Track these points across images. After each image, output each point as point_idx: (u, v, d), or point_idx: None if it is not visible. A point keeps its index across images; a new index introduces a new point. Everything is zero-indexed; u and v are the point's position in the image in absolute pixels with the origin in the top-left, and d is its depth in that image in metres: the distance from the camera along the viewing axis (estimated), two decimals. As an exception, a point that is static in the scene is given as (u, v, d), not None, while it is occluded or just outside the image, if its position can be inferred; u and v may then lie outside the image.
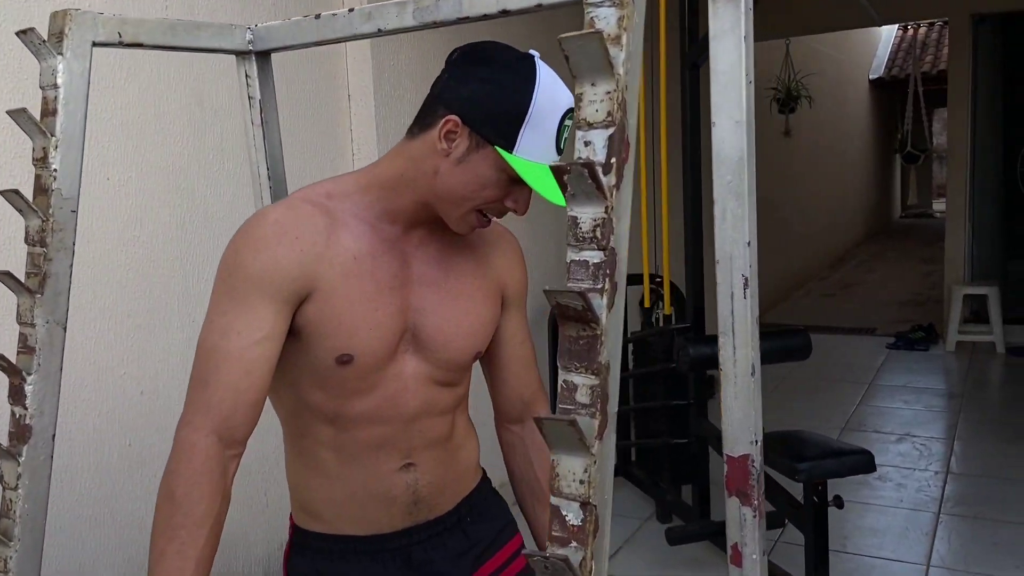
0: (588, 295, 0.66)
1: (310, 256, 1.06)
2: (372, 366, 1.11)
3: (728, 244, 0.97)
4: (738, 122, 0.94)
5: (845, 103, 11.05)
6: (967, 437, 4.07)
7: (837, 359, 5.76)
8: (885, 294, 8.27)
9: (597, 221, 0.67)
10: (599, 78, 0.68)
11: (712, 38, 0.93)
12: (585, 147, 0.69)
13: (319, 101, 2.62)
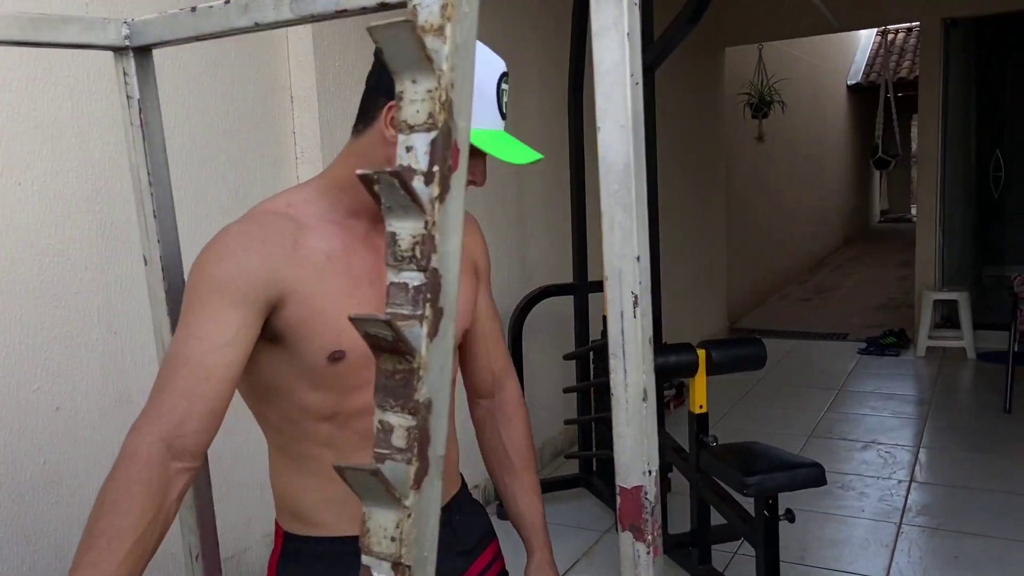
0: (397, 323, 0.58)
1: (279, 260, 1.06)
2: (365, 359, 1.07)
3: (616, 259, 0.89)
4: (623, 127, 0.86)
5: (823, 108, 11.05)
6: (933, 445, 4.03)
7: (808, 365, 5.72)
8: (860, 299, 8.24)
9: (416, 238, 0.59)
10: (419, 74, 0.60)
11: (594, 35, 0.86)
12: (406, 153, 0.61)
13: (260, 103, 2.53)
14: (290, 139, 2.64)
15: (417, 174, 0.60)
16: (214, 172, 2.36)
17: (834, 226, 11.84)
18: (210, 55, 2.34)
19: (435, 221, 0.60)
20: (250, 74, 2.49)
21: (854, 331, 6.69)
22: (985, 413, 4.46)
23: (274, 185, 2.57)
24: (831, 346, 6.28)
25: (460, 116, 0.63)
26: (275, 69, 2.58)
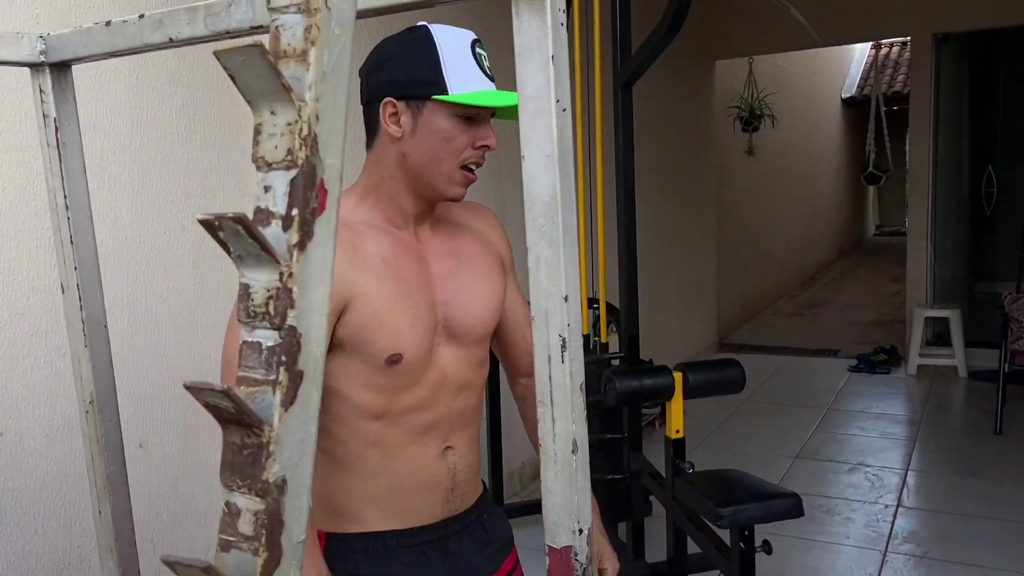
0: (246, 389, 0.50)
1: (343, 265, 1.09)
2: (420, 361, 1.16)
3: (543, 299, 0.82)
4: (548, 156, 0.78)
5: (816, 122, 11.01)
6: (921, 468, 3.95)
7: (798, 382, 5.64)
8: (852, 314, 8.18)
9: (271, 291, 0.52)
10: (277, 105, 0.53)
11: (517, 57, 0.79)
12: (264, 194, 0.54)
13: (224, 113, 2.46)
14: (256, 153, 2.57)
15: (275, 218, 0.53)
16: (173, 186, 2.29)
17: (827, 239, 11.78)
18: (169, 66, 2.27)
19: (292, 272, 0.52)
20: (213, 83, 2.41)
21: (845, 347, 6.62)
22: (975, 434, 4.39)
23: (237, 198, 2.50)
24: (821, 363, 6.20)
25: (329, 152, 0.55)
26: (241, 82, 2.51)
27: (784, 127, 9.21)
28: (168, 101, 2.28)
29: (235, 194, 2.48)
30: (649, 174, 5.31)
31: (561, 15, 0.79)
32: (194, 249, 2.36)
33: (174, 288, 2.30)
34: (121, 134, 2.16)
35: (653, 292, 5.35)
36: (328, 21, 0.54)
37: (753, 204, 8.06)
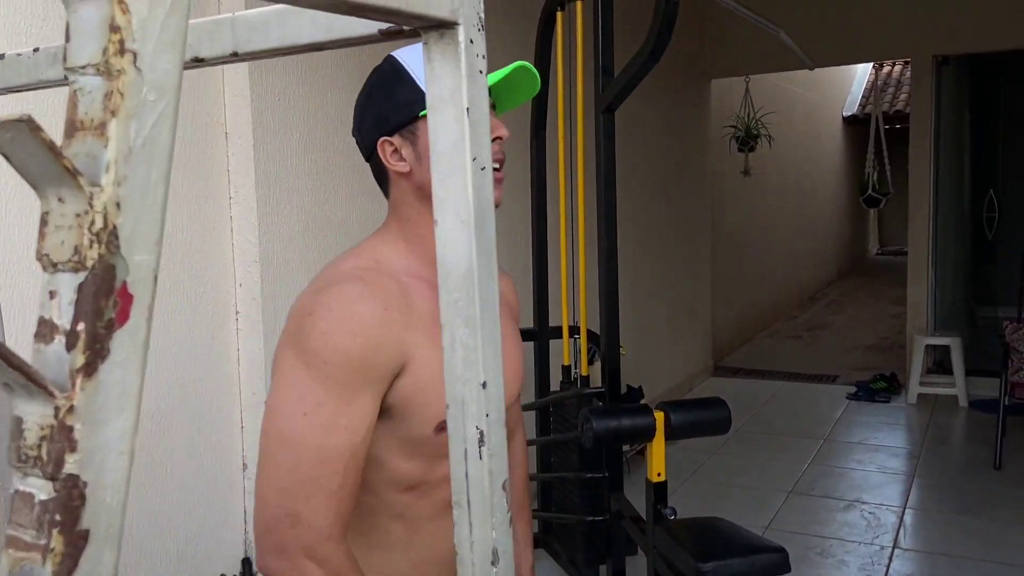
0: (14, 553, 0.39)
1: (400, 327, 1.02)
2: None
3: (459, 385, 0.70)
4: (464, 222, 0.67)
5: (817, 140, 10.92)
6: (919, 506, 3.82)
7: (794, 410, 5.52)
8: (852, 337, 8.05)
9: (44, 431, 0.41)
10: (65, 191, 0.42)
11: (429, 108, 0.68)
12: (50, 300, 0.43)
13: (190, 139, 2.36)
14: (223, 177, 2.47)
15: (59, 332, 0.42)
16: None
17: (827, 259, 11.67)
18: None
19: (73, 405, 0.41)
20: (182, 107, 2.31)
21: (844, 373, 6.50)
22: (975, 469, 4.26)
23: (203, 227, 2.40)
24: (819, 389, 6.08)
25: (137, 247, 0.44)
26: (209, 103, 2.41)
27: (783, 146, 9.11)
28: (127, 124, 2.18)
29: (198, 221, 2.38)
30: (640, 195, 5.21)
31: (480, 61, 0.68)
32: (153, 278, 2.25)
33: (130, 320, 2.19)
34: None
35: (644, 315, 5.24)
36: (136, 86, 0.43)
37: (750, 224, 7.96)
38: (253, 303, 2.48)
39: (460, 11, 0.66)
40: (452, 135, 0.68)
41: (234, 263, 2.49)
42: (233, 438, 2.52)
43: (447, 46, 0.68)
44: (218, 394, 2.47)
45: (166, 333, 2.29)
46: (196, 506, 2.40)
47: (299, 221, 2.60)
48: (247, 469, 2.55)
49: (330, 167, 2.72)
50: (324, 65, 2.65)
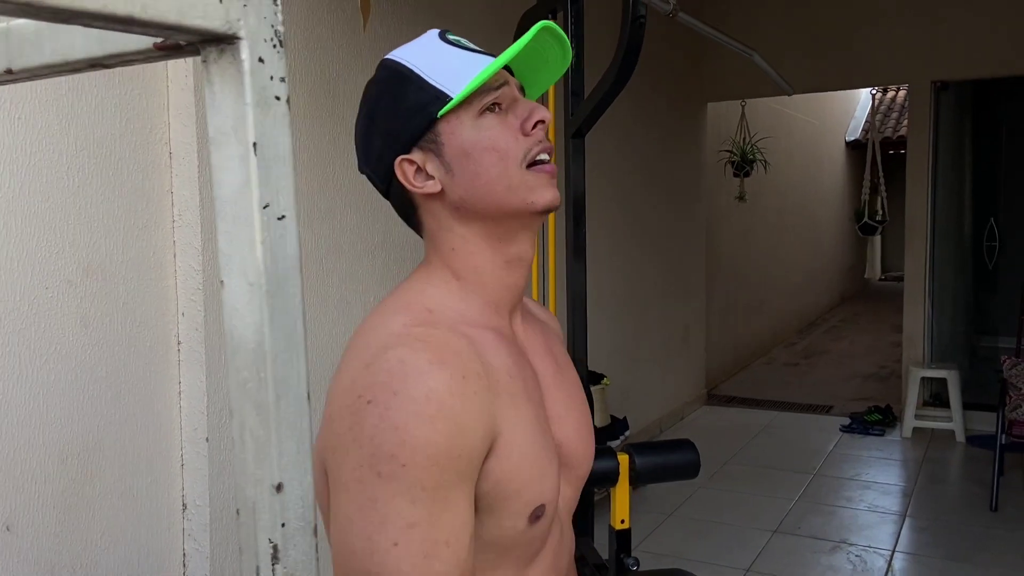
0: None
1: (484, 398, 0.79)
2: (552, 512, 0.84)
3: (250, 486, 0.57)
4: (253, 285, 0.54)
5: (819, 165, 10.80)
6: (909, 549, 3.65)
7: (785, 442, 5.35)
8: (850, 366, 7.88)
9: None
10: None
11: (210, 143, 0.55)
12: None
13: (129, 158, 2.23)
14: (166, 199, 2.34)
15: None
16: (59, 239, 2.06)
17: (828, 284, 11.51)
18: (62, 106, 2.05)
19: None
20: (116, 127, 2.19)
21: (840, 403, 6.33)
22: (970, 510, 4.08)
23: (141, 253, 2.27)
24: (813, 420, 5.91)
25: None
26: (151, 120, 2.29)
27: (782, 171, 8.99)
28: (59, 142, 2.05)
29: (137, 247, 2.25)
30: (632, 219, 5.08)
31: (276, 85, 0.54)
32: (83, 306, 2.13)
33: (56, 351, 2.06)
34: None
35: (634, 342, 5.09)
36: None
37: (747, 249, 7.82)
38: (196, 333, 2.35)
39: (242, 23, 0.53)
40: (236, 177, 0.54)
41: (177, 291, 2.36)
42: (172, 477, 2.38)
43: (227, 66, 0.55)
44: (156, 430, 2.33)
45: (95, 366, 2.15)
46: (128, 550, 2.26)
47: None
48: (187, 510, 2.41)
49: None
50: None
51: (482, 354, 0.82)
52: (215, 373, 2.37)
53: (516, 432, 0.81)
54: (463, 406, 0.76)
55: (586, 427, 0.94)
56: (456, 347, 0.80)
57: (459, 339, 0.81)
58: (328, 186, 2.75)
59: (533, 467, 0.82)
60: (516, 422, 0.82)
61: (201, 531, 2.39)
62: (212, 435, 2.38)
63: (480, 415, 0.78)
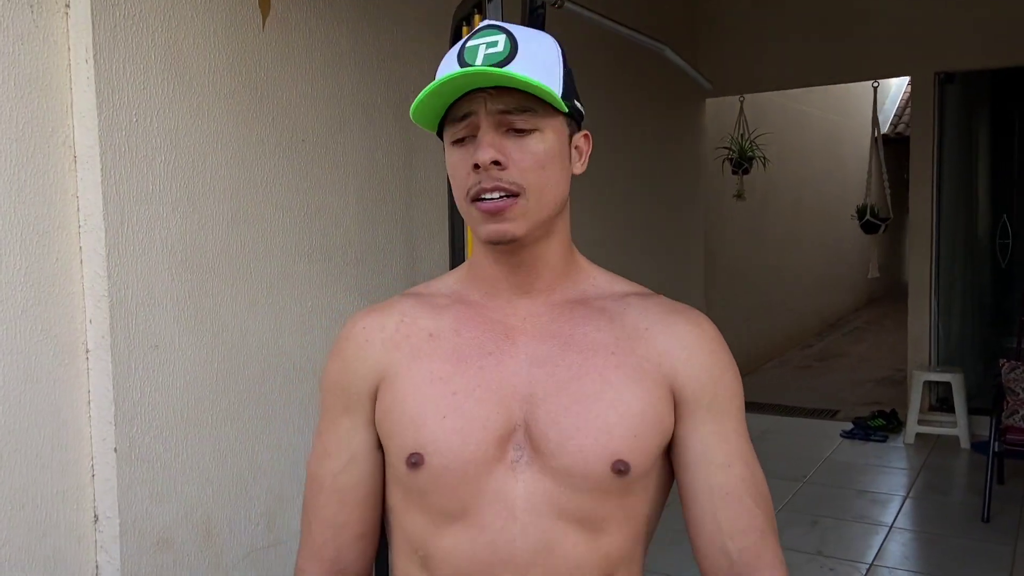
0: None
1: (376, 346, 0.94)
2: (453, 471, 0.85)
3: None
4: None
5: (840, 162, 10.53)
6: (890, 563, 3.48)
7: (781, 448, 5.17)
8: (864, 369, 7.64)
9: None
10: None
11: None
12: None
13: (32, 159, 2.19)
14: (72, 204, 2.29)
15: None
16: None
17: (852, 285, 11.22)
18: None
19: None
20: (14, 129, 2.14)
21: (846, 408, 6.13)
22: (961, 522, 3.89)
23: (44, 258, 2.22)
24: (815, 426, 5.72)
25: None
26: (54, 123, 2.24)
27: (797, 168, 8.76)
28: None
29: (38, 252, 2.20)
30: (624, 221, 4.95)
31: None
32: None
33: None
34: None
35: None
36: None
37: (755, 249, 7.62)
38: (103, 340, 2.30)
39: None
40: None
41: (84, 298, 2.31)
42: (82, 488, 2.33)
43: None
44: (63, 440, 2.28)
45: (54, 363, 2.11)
46: (31, 563, 2.21)
47: (162, 252, 2.41)
48: (98, 521, 2.36)
49: (205, 193, 2.54)
50: (193, 85, 2.48)
51: (415, 315, 0.95)
52: (122, 382, 2.32)
53: (402, 382, 0.90)
54: (351, 349, 0.95)
55: (575, 416, 0.87)
56: (387, 307, 0.96)
57: (402, 301, 0.98)
58: (254, 187, 2.69)
59: (405, 415, 0.88)
60: (408, 374, 0.90)
61: (112, 543, 2.34)
62: (120, 445, 2.32)
63: (364, 358, 0.93)
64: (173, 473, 2.46)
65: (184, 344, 2.48)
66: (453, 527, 0.87)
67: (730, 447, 0.94)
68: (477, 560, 0.86)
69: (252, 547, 2.70)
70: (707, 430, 0.93)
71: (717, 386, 0.93)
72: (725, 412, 0.94)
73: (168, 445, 2.44)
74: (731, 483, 0.93)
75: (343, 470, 0.95)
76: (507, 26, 0.87)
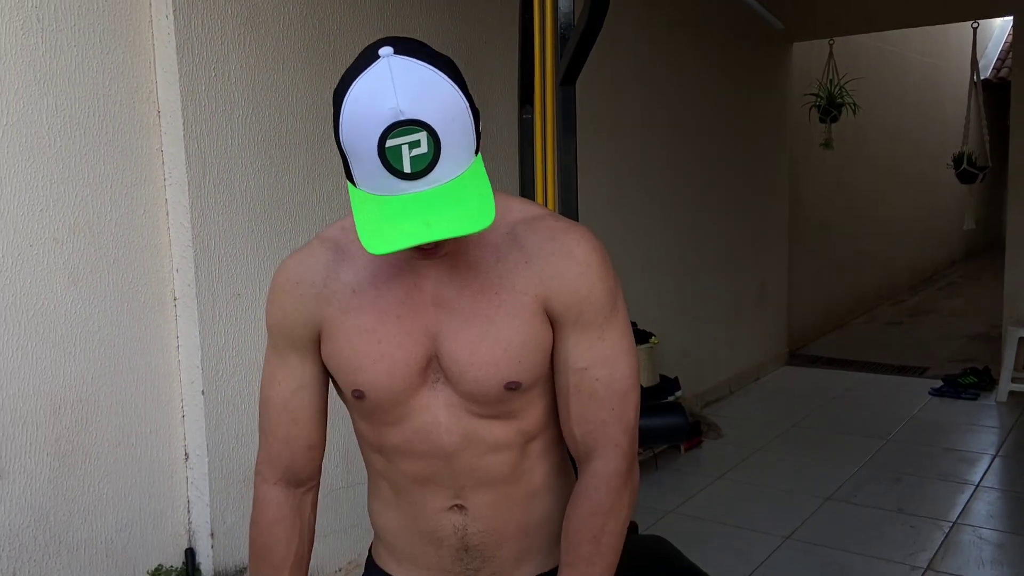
0: None
1: (310, 300, 1.10)
2: (387, 400, 1.08)
3: None
4: None
5: (939, 108, 10.00)
6: (973, 521, 3.37)
7: (866, 405, 5.05)
8: (958, 325, 7.34)
9: None
10: None
11: None
12: None
13: (116, 118, 2.28)
14: (157, 158, 2.39)
15: None
16: (42, 198, 2.13)
17: (949, 238, 10.72)
18: (38, 68, 2.11)
19: None
20: (100, 86, 2.24)
21: (936, 365, 5.91)
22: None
23: (132, 210, 2.32)
24: (902, 383, 5.54)
25: None
26: (138, 79, 2.33)
27: (892, 115, 8.39)
28: (37, 104, 2.12)
29: (127, 204, 2.31)
30: (699, 173, 4.85)
31: None
32: (71, 263, 2.20)
33: (44, 305, 2.15)
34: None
35: (698, 298, 4.89)
36: None
37: (844, 200, 7.35)
38: (189, 289, 2.40)
39: None
40: None
41: (171, 248, 2.42)
42: (173, 427, 2.46)
43: None
44: (154, 383, 2.41)
45: (86, 320, 2.24)
46: (128, 495, 2.36)
47: (243, 204, 2.50)
48: (189, 459, 2.49)
49: (283, 146, 2.60)
50: (269, 38, 2.53)
51: (337, 270, 1.09)
52: (208, 328, 2.42)
53: (337, 334, 1.09)
54: (288, 298, 1.11)
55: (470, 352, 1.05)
56: (313, 259, 1.10)
57: (325, 253, 1.10)
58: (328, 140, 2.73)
59: (346, 361, 1.08)
60: (340, 325, 1.08)
61: (202, 480, 2.47)
62: (208, 388, 2.44)
63: (302, 310, 1.10)
64: (257, 416, 2.57)
65: (265, 293, 2.57)
66: (395, 429, 1.10)
67: (591, 353, 1.08)
68: (416, 451, 1.10)
69: (331, 487, 2.81)
70: (572, 341, 1.08)
71: (583, 304, 1.07)
72: (590, 323, 1.07)
73: (251, 389, 2.55)
74: (583, 382, 1.08)
75: (292, 395, 1.14)
76: (422, 117, 0.90)
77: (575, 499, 1.10)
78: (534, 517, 1.15)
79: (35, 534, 2.17)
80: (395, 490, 1.15)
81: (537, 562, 1.16)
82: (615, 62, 4.03)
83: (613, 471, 1.08)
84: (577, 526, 1.08)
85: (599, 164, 3.91)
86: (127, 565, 2.36)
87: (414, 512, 1.14)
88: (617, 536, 1.09)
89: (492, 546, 1.13)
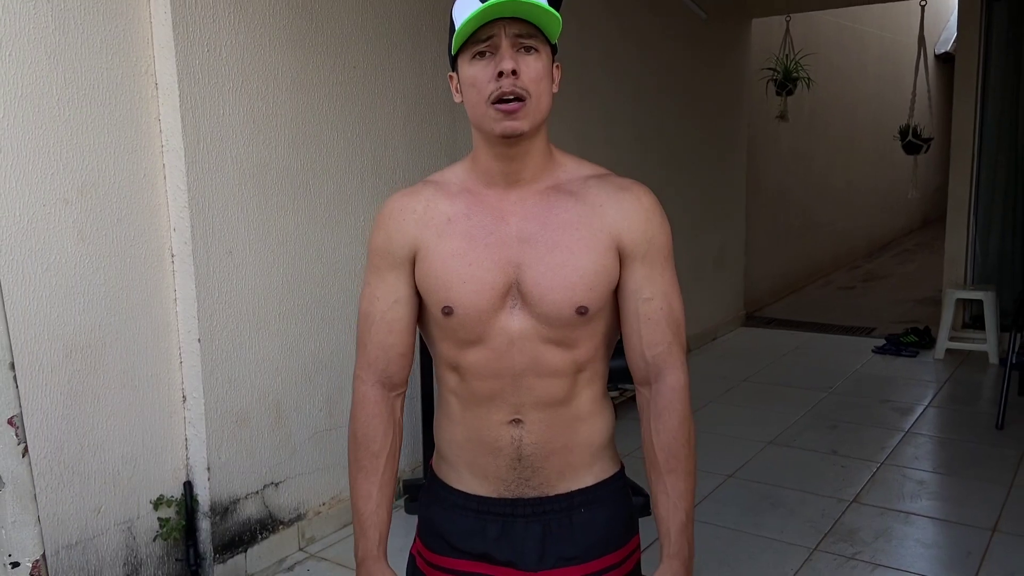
0: None
1: (411, 224, 1.27)
2: (474, 317, 1.22)
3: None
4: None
5: (897, 82, 10.31)
6: (900, 462, 3.73)
7: (812, 362, 5.41)
8: (907, 289, 7.73)
9: None
10: None
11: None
12: None
13: (117, 90, 2.50)
14: (154, 127, 2.61)
15: None
16: (53, 163, 2.36)
17: (906, 207, 11.12)
18: (48, 44, 2.32)
19: None
20: (103, 61, 2.46)
21: (883, 326, 6.28)
22: (975, 428, 4.11)
23: (132, 174, 2.56)
24: (849, 342, 5.91)
25: None
26: (136, 54, 2.55)
27: (850, 89, 8.70)
28: (47, 77, 2.34)
29: (129, 169, 2.54)
30: (657, 141, 5.13)
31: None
32: (80, 222, 2.44)
33: (56, 259, 2.38)
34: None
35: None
36: None
37: (802, 170, 7.68)
38: (185, 246, 2.64)
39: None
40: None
41: (168, 209, 2.65)
42: (171, 372, 2.71)
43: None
44: (154, 331, 2.65)
45: (94, 273, 2.47)
46: (132, 432, 2.61)
47: (233, 169, 2.73)
48: (186, 401, 2.75)
49: (270, 116, 2.83)
50: (257, 17, 2.75)
51: (436, 202, 1.27)
52: (203, 282, 2.67)
53: (431, 253, 1.25)
54: (393, 224, 1.28)
55: (550, 279, 1.22)
56: (418, 194, 1.29)
57: (426, 188, 1.29)
58: (312, 111, 2.97)
59: (438, 280, 1.24)
60: (434, 248, 1.24)
61: (199, 420, 2.73)
62: (203, 336, 2.69)
63: (404, 232, 1.27)
64: (247, 362, 2.83)
65: (254, 251, 2.82)
66: (473, 348, 1.25)
67: (654, 286, 1.27)
68: (490, 368, 1.25)
69: (316, 429, 3.09)
70: (639, 274, 1.26)
71: (649, 244, 1.27)
72: (653, 261, 1.27)
73: (243, 338, 2.80)
74: (651, 311, 1.27)
75: (389, 308, 1.29)
76: None
77: (660, 415, 1.27)
78: (578, 438, 1.29)
79: (51, 465, 2.42)
80: (463, 405, 1.29)
81: (575, 478, 1.31)
82: (582, 37, 4.28)
83: (685, 384, 1.28)
84: (673, 434, 1.26)
85: (565, 137, 4.17)
86: (132, 495, 2.62)
87: (478, 424, 1.28)
88: (695, 438, 1.28)
89: (541, 458, 1.27)
